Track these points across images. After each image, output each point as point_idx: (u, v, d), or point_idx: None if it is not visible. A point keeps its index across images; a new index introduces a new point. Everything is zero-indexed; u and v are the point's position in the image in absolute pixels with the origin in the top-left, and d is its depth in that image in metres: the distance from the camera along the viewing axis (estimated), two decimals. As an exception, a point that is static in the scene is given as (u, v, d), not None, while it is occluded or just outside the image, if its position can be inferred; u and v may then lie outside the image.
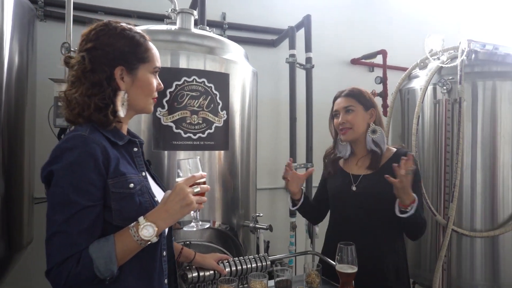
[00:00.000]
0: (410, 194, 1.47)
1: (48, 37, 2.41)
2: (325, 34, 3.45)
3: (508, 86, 2.30)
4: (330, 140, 1.86)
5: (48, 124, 1.67)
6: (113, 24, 1.09)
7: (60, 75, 2.20)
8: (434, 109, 2.39)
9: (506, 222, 2.28)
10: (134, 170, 1.07)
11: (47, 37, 2.40)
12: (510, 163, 2.29)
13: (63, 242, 0.92)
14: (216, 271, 1.47)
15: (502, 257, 2.28)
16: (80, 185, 0.94)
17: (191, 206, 1.00)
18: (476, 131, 2.29)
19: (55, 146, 0.99)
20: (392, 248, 1.63)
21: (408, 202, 1.48)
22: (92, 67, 1.03)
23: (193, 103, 1.63)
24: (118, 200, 0.99)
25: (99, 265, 0.91)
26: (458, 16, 4.11)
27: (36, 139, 2.01)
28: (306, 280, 1.52)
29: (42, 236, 2.31)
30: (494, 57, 2.38)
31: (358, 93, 1.71)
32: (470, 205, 2.29)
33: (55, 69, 2.44)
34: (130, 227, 0.97)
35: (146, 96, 1.11)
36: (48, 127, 1.80)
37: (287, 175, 1.71)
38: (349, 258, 1.43)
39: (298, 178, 1.74)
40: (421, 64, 2.60)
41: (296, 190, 1.74)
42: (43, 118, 1.96)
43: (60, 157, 0.96)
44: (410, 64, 2.73)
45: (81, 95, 1.02)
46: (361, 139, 1.70)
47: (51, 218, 0.94)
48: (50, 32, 2.51)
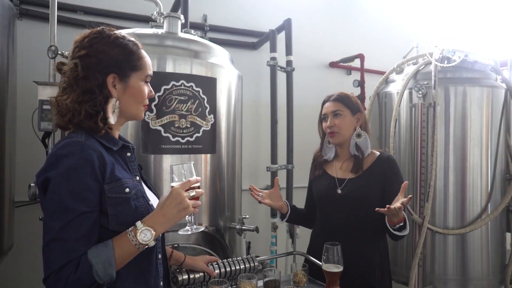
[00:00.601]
0: (400, 216, 1.52)
1: (25, 36, 2.34)
2: (304, 38, 3.52)
3: (477, 91, 2.44)
4: (309, 141, 1.91)
5: (32, 127, 1.64)
6: (107, 31, 1.09)
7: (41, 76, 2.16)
8: (410, 113, 2.50)
9: (475, 220, 2.42)
10: (128, 175, 1.08)
11: (24, 36, 2.33)
12: (479, 165, 2.43)
13: (60, 249, 0.92)
14: (206, 273, 1.50)
15: (471, 253, 2.42)
16: (77, 192, 0.94)
17: (187, 210, 1.03)
18: (448, 134, 2.42)
19: (50, 152, 0.99)
20: (376, 248, 1.71)
21: (396, 221, 1.55)
22: (85, 74, 1.03)
23: (181, 107, 1.65)
24: (114, 205, 1.00)
25: (98, 270, 0.92)
26: (431, 23, 4.29)
27: (17, 142, 1.96)
28: (293, 280, 1.57)
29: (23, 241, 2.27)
30: (464, 64, 2.51)
31: (345, 98, 1.77)
32: (443, 204, 2.42)
33: (34, 70, 2.39)
34: (128, 231, 0.98)
35: (137, 103, 1.13)
36: (30, 130, 1.76)
37: (260, 198, 1.73)
38: (335, 258, 1.49)
39: (273, 194, 1.79)
40: (397, 69, 2.72)
41: (279, 204, 1.79)
42: (23, 120, 1.91)
43: (56, 164, 0.95)
44: (386, 68, 2.85)
45: (72, 102, 1.02)
46: (346, 142, 1.77)
47: (48, 225, 0.94)
48: (26, 31, 2.43)
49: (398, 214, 1.50)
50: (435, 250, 2.43)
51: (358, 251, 1.65)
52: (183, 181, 1.07)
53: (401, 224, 1.56)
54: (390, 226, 1.58)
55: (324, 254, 1.51)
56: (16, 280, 2.28)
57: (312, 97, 3.61)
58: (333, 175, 1.79)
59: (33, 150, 2.16)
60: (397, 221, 1.54)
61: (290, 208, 1.82)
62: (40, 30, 2.53)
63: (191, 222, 1.14)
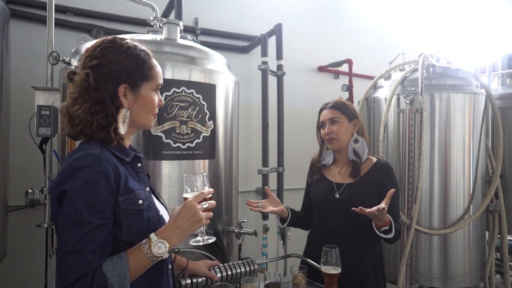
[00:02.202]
0: (384, 220, 1.60)
1: (15, 38, 2.30)
2: (294, 42, 3.58)
3: (461, 98, 2.55)
4: (298, 143, 1.94)
5: (29, 131, 1.62)
6: (119, 41, 1.09)
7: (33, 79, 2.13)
8: (398, 118, 2.60)
9: (459, 220, 2.53)
10: (140, 186, 1.09)
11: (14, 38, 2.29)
12: (462, 168, 2.55)
13: (77, 261, 0.92)
14: (208, 277, 1.53)
15: (454, 251, 2.54)
16: (94, 204, 0.95)
17: (201, 223, 1.04)
18: (434, 139, 2.53)
19: (65, 164, 0.99)
20: (371, 251, 1.78)
21: (381, 224, 1.62)
22: (97, 85, 1.03)
23: (182, 114, 1.67)
24: (128, 217, 1.02)
25: (113, 282, 0.93)
26: (416, 31, 4.45)
27: (10, 146, 1.93)
28: (292, 282, 1.61)
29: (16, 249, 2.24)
30: (448, 71, 2.63)
31: (342, 105, 1.84)
32: (429, 205, 2.52)
33: (26, 72, 2.35)
34: (142, 244, 0.99)
35: (148, 113, 1.13)
36: (23, 134, 1.74)
37: (260, 208, 1.77)
38: (333, 260, 1.55)
39: (271, 201, 1.83)
40: (385, 75, 2.81)
41: (280, 208, 1.82)
42: (16, 123, 1.88)
43: (72, 176, 0.96)
44: (373, 73, 2.95)
45: (84, 112, 1.02)
46: (344, 148, 1.83)
47: (64, 237, 0.94)
48: (16, 32, 2.39)
49: (382, 218, 1.57)
50: (421, 249, 2.54)
51: (354, 254, 1.71)
52: (196, 193, 1.08)
53: (386, 228, 1.63)
54: (375, 228, 1.66)
55: (323, 256, 1.57)
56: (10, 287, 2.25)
57: (301, 100, 3.70)
58: (332, 179, 1.85)
59: (27, 154, 2.14)
60: (381, 224, 1.61)
61: (290, 212, 1.87)
62: (31, 32, 2.50)
63: (202, 232, 1.17)
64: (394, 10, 4.38)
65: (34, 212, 2.19)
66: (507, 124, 3.04)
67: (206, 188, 1.12)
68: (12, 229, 2.01)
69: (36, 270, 2.04)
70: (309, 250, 1.87)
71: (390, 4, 4.37)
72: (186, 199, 1.09)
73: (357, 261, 1.72)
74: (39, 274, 1.87)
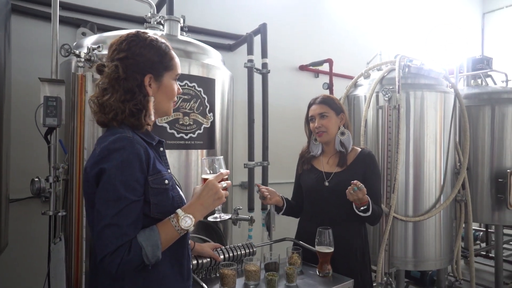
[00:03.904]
0: (361, 200, 1.76)
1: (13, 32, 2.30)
2: (276, 42, 3.73)
3: (433, 96, 2.79)
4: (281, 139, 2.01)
5: (35, 123, 1.66)
6: (142, 35, 1.19)
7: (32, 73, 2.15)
8: (377, 114, 2.79)
9: (431, 209, 2.76)
10: (164, 168, 1.19)
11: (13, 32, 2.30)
12: (434, 160, 2.78)
13: (115, 233, 1.02)
14: (212, 258, 1.64)
15: (427, 237, 2.77)
16: (129, 182, 1.05)
17: (222, 199, 1.17)
18: (409, 133, 2.74)
19: (102, 146, 1.07)
20: (358, 233, 1.94)
21: (360, 203, 1.79)
22: (126, 76, 1.13)
23: (185, 106, 1.76)
24: (156, 195, 1.12)
25: (147, 251, 1.04)
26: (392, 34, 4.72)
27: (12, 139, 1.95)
28: (289, 262, 1.75)
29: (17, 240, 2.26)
30: (422, 71, 2.86)
31: (330, 100, 1.99)
32: (405, 195, 2.74)
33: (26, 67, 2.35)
34: (170, 218, 1.10)
35: (169, 100, 1.24)
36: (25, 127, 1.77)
37: (266, 194, 1.90)
38: (327, 240, 1.71)
39: (273, 192, 1.96)
40: (365, 74, 3.00)
41: (277, 199, 1.96)
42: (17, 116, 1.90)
43: (108, 157, 1.05)
44: (351, 72, 3.14)
45: (115, 101, 1.12)
46: (332, 140, 1.98)
47: (103, 212, 1.03)
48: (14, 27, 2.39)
49: (360, 196, 1.73)
50: (397, 236, 2.75)
51: (343, 236, 1.87)
52: (216, 174, 1.21)
53: (365, 207, 1.80)
54: (355, 208, 1.82)
55: (317, 237, 1.71)
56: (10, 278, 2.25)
57: (283, 97, 3.85)
58: (321, 169, 1.99)
59: (32, 147, 2.15)
60: (360, 204, 1.78)
61: (285, 202, 2.00)
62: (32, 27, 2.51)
63: (219, 210, 1.28)
64: (371, 14, 4.63)
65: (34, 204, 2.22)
66: (471, 121, 3.32)
67: (224, 170, 1.24)
68: (13, 221, 2.03)
69: (38, 259, 2.10)
70: (302, 233, 2.01)
71: (367, 8, 4.62)
72: (205, 180, 1.20)
73: (346, 243, 1.87)
74: (40, 263, 1.90)
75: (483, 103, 3.43)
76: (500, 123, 3.36)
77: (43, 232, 1.85)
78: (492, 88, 3.59)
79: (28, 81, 2.29)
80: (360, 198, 1.75)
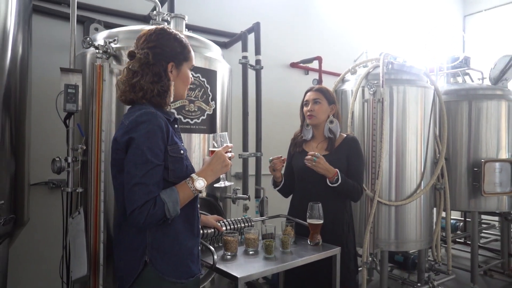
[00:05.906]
0: (329, 171, 2.01)
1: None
2: (269, 40, 3.94)
3: (414, 91, 3.03)
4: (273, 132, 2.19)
5: (56, 110, 1.83)
6: (167, 29, 1.41)
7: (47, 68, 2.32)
8: (363, 107, 3.03)
9: (412, 194, 3.01)
10: (179, 141, 1.40)
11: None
12: (415, 150, 3.03)
13: (143, 190, 1.22)
14: (215, 228, 1.84)
15: (409, 220, 3.01)
16: (153, 149, 1.25)
17: (228, 167, 1.40)
18: (392, 125, 2.98)
19: (130, 120, 1.27)
20: (344, 208, 2.17)
21: (330, 176, 2.02)
22: (154, 62, 1.34)
23: (190, 94, 1.96)
24: (173, 162, 1.32)
25: (169, 206, 1.24)
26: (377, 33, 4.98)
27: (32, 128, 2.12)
28: (283, 233, 1.96)
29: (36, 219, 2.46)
30: (404, 68, 3.11)
31: (324, 90, 2.22)
32: (388, 181, 2.98)
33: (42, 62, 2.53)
34: (186, 181, 1.31)
35: (184, 86, 1.47)
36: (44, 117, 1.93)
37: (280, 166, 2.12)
38: (317, 214, 1.92)
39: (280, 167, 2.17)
40: (352, 70, 3.24)
41: (281, 174, 2.20)
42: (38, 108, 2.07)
43: (136, 128, 1.25)
44: (339, 69, 3.37)
45: (146, 82, 1.33)
46: (321, 126, 2.20)
47: (133, 173, 1.23)
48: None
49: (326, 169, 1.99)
50: (381, 219, 2.98)
51: (330, 210, 2.08)
52: (223, 146, 1.43)
53: (336, 178, 2.03)
54: (329, 182, 2.05)
55: (309, 211, 1.93)
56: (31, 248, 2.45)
57: (274, 93, 4.07)
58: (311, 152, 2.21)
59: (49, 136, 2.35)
60: (331, 176, 2.02)
61: (283, 178, 2.22)
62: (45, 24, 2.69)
63: (223, 178, 1.49)
64: (358, 15, 4.90)
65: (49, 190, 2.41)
66: (450, 115, 3.59)
67: (229, 143, 1.45)
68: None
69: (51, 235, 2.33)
70: (293, 210, 2.23)
71: (355, 9, 4.89)
72: (212, 152, 1.42)
73: (334, 217, 2.09)
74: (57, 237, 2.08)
75: (461, 99, 3.68)
76: (476, 117, 3.62)
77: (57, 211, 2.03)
78: (470, 85, 3.85)
79: (44, 76, 2.47)
80: (327, 169, 1.99)
